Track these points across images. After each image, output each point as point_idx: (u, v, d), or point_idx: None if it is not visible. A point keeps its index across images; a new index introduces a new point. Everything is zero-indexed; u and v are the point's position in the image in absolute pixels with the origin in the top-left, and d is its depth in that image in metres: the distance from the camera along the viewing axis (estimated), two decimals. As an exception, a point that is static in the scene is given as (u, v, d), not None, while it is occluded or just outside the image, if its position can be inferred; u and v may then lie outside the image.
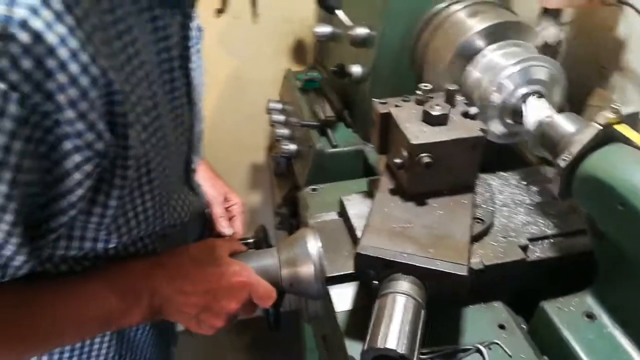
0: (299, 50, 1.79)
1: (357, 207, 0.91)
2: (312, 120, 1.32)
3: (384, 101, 0.87)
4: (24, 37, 0.48)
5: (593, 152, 0.74)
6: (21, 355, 0.71)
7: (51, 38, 0.50)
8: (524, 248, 0.82)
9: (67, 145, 0.56)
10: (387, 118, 0.84)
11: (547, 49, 1.12)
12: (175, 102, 0.75)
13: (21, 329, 0.67)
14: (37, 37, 0.49)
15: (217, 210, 1.06)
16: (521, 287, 0.83)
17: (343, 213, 0.93)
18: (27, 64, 0.49)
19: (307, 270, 0.83)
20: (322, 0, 1.25)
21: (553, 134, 0.82)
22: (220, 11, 1.67)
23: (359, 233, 0.85)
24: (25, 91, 0.50)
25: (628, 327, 0.72)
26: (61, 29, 0.51)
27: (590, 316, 0.75)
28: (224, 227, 1.05)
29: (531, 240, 0.86)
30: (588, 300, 0.76)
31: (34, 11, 0.49)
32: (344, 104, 1.33)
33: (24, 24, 0.48)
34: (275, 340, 1.89)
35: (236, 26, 1.70)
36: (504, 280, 0.81)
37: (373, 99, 0.88)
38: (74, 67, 0.52)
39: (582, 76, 1.43)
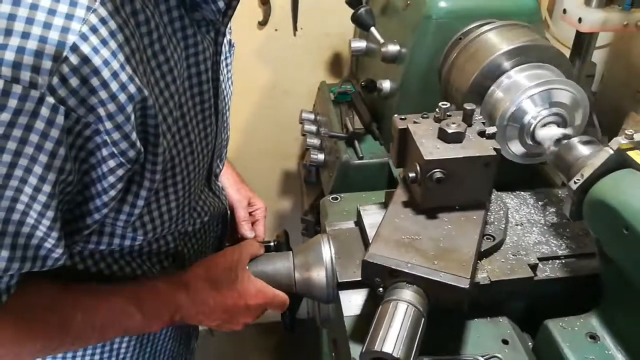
0: (335, 63, 1.84)
1: (373, 217, 0.94)
2: (340, 132, 1.36)
3: (403, 117, 0.90)
4: (73, 59, 0.56)
5: (604, 177, 0.75)
6: (46, 352, 0.79)
7: (96, 60, 0.57)
8: (534, 267, 0.84)
9: (104, 151, 0.63)
10: (405, 133, 0.88)
11: (580, 77, 1.13)
12: (205, 112, 0.81)
13: (50, 329, 0.74)
14: (85, 59, 0.56)
15: (240, 214, 1.11)
16: (529, 305, 0.85)
17: (359, 222, 0.96)
18: (74, 82, 0.57)
19: (319, 275, 0.87)
20: (357, 18, 1.29)
21: (568, 156, 0.83)
22: (262, 23, 1.73)
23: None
24: (72, 105, 0.58)
25: (630, 350, 0.73)
26: (105, 52, 0.58)
27: (594, 337, 0.76)
28: (246, 230, 1.10)
29: (541, 259, 0.87)
30: (593, 322, 0.77)
31: (84, 37, 0.56)
32: (373, 118, 1.37)
33: (75, 48, 0.55)
34: (296, 343, 1.93)
35: (276, 38, 1.76)
36: (510, 297, 0.83)
37: (394, 115, 0.91)
38: (114, 85, 0.59)
39: (617, 100, 1.43)
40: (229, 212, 1.07)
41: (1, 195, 0.59)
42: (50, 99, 0.56)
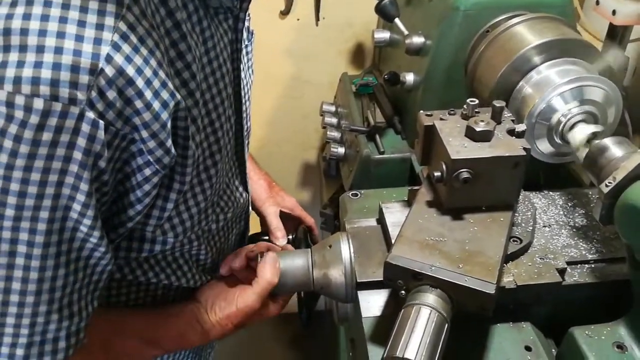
0: (357, 54, 1.81)
1: (396, 216, 0.92)
2: (362, 125, 1.34)
3: (429, 113, 0.87)
4: (109, 70, 0.55)
5: (637, 180, 0.72)
6: None
7: (130, 70, 0.56)
8: (562, 271, 0.81)
9: (139, 160, 0.62)
10: (431, 130, 0.85)
11: (612, 71, 1.09)
12: (225, 103, 0.79)
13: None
14: (120, 70, 0.56)
15: (273, 222, 1.11)
16: (554, 311, 0.82)
17: (381, 220, 0.94)
18: (111, 94, 0.56)
19: (337, 273, 0.85)
20: (381, 8, 1.26)
21: (599, 157, 0.80)
22: (284, 13, 1.71)
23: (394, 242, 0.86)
24: (110, 119, 0.57)
25: (661, 362, 0.71)
26: (138, 60, 0.57)
27: (621, 347, 0.73)
28: (278, 238, 1.09)
29: (570, 263, 0.84)
30: (621, 331, 0.74)
31: (116, 47, 0.55)
32: (394, 111, 1.34)
33: (109, 59, 0.55)
34: (312, 334, 1.92)
35: (299, 28, 1.74)
36: (536, 302, 0.80)
37: (420, 111, 0.89)
38: (148, 94, 0.59)
39: (649, 97, 1.38)
40: (250, 208, 1.05)
41: (52, 218, 0.58)
42: (90, 114, 0.55)
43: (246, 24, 0.95)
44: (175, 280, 0.84)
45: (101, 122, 0.56)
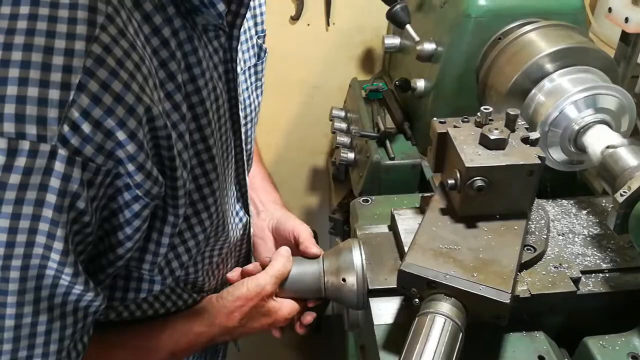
0: (367, 59, 1.81)
1: (408, 223, 0.92)
2: (372, 130, 1.33)
3: (443, 120, 0.87)
4: (82, 101, 0.49)
5: (653, 191, 0.71)
6: None
7: (107, 98, 0.50)
8: (576, 280, 0.80)
9: (127, 196, 0.58)
10: (445, 137, 0.85)
11: (624, 79, 1.09)
12: (221, 128, 0.75)
13: None
14: (95, 99, 0.50)
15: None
16: (567, 320, 0.82)
17: (393, 227, 0.94)
18: (87, 127, 0.50)
19: (349, 280, 0.85)
20: (393, 15, 1.26)
21: (614, 166, 0.80)
22: (294, 18, 1.71)
23: (407, 249, 0.86)
24: (89, 154, 0.51)
25: (677, 374, 0.70)
26: (117, 86, 0.51)
27: (636, 357, 0.72)
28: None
29: (584, 272, 0.84)
30: (635, 341, 0.74)
31: (89, 74, 0.49)
32: (405, 117, 1.34)
33: (82, 88, 0.49)
34: (321, 339, 1.92)
35: (309, 33, 1.74)
36: (550, 311, 0.80)
37: (433, 118, 0.88)
38: (132, 123, 0.53)
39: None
40: (252, 230, 1.02)
41: (27, 265, 0.53)
42: (63, 151, 0.49)
43: (258, 41, 0.93)
44: (171, 306, 0.82)
45: (77, 159, 0.50)
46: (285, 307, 0.89)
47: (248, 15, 0.92)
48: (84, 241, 0.58)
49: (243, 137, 0.86)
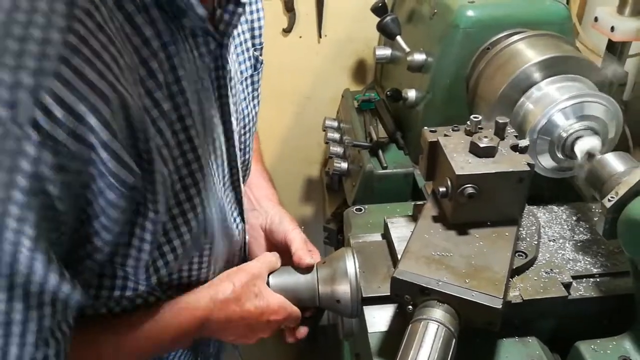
0: (359, 70, 1.83)
1: (401, 231, 0.93)
2: (364, 140, 1.35)
3: (433, 129, 0.89)
4: (55, 86, 0.50)
5: (639, 196, 0.73)
6: None
7: (80, 85, 0.51)
8: (567, 285, 0.81)
9: (100, 183, 0.57)
10: (435, 146, 0.86)
11: (611, 86, 1.10)
12: (197, 126, 0.75)
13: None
14: (67, 84, 0.51)
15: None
16: (559, 325, 0.83)
17: (386, 235, 0.95)
18: (59, 112, 0.51)
19: (343, 289, 0.86)
20: (383, 26, 1.28)
21: (601, 172, 0.81)
22: (286, 30, 1.73)
23: (400, 257, 0.87)
24: (60, 139, 0.52)
25: (667, 376, 0.71)
26: (90, 74, 0.52)
27: (627, 361, 0.73)
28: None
29: (575, 277, 0.85)
30: (626, 344, 0.75)
31: (64, 61, 0.50)
32: (397, 126, 1.36)
33: (57, 74, 0.50)
34: (317, 350, 1.92)
35: (301, 45, 1.76)
36: (542, 316, 0.81)
37: (424, 127, 0.90)
38: (104, 109, 0.54)
39: (648, 111, 1.39)
40: (247, 237, 1.01)
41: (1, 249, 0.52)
42: (35, 135, 0.50)
43: (255, 53, 0.95)
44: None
45: (49, 143, 0.51)
46: (277, 297, 0.88)
47: (245, 27, 0.94)
48: (57, 229, 0.57)
49: (241, 146, 0.88)
